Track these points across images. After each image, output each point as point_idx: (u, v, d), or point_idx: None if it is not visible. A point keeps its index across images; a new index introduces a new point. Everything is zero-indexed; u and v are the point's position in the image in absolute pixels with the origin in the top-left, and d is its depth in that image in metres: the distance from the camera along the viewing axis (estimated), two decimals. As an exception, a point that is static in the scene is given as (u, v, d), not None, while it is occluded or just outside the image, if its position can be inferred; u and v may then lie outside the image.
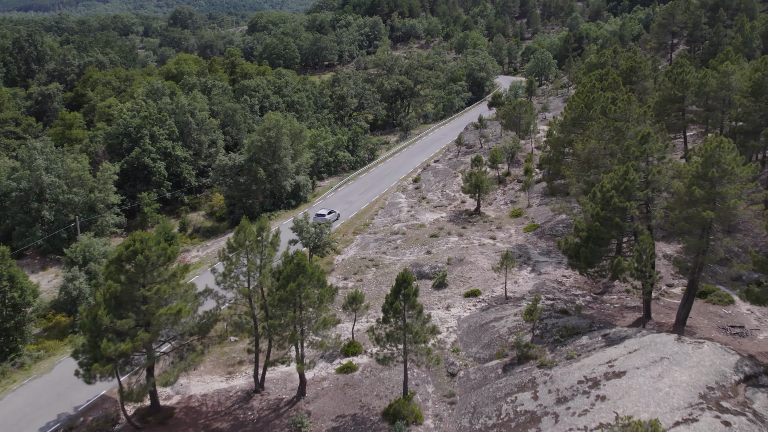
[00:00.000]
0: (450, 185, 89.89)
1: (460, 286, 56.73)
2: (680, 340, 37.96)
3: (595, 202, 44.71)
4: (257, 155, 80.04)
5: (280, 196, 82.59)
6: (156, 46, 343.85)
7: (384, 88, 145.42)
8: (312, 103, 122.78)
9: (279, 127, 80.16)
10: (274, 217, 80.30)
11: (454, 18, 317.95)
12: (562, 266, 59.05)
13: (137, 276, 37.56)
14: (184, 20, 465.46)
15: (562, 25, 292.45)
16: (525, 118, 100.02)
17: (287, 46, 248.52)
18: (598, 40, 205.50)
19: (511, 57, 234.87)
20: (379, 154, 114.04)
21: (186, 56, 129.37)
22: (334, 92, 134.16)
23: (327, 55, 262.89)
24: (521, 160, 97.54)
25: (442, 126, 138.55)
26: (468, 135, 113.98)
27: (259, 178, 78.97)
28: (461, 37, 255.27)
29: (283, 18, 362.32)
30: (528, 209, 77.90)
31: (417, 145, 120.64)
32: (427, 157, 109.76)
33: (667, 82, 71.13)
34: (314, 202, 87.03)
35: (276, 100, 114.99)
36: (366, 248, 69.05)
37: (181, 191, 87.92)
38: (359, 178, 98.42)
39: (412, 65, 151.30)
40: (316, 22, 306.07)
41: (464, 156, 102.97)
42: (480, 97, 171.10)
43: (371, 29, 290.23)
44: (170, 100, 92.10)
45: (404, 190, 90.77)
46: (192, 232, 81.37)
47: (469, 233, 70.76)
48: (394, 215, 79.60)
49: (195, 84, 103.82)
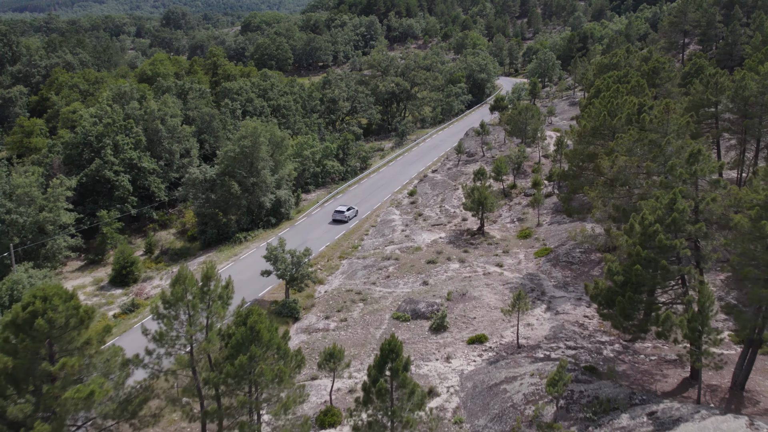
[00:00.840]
0: (449, 199, 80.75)
1: (463, 329, 47.58)
2: (754, 427, 28.87)
3: (632, 237, 35.60)
4: (231, 168, 70.86)
5: (258, 213, 73.37)
6: (146, 46, 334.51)
7: (378, 91, 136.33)
8: (300, 107, 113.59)
9: (256, 136, 70.99)
10: (250, 238, 71.07)
11: (452, 18, 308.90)
12: (582, 303, 49.93)
13: (38, 345, 28.36)
14: (177, 20, 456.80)
15: (563, 25, 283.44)
16: (531, 123, 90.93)
17: (280, 46, 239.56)
18: (603, 40, 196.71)
19: (512, 57, 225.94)
20: (372, 162, 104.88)
21: (162, 56, 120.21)
22: (324, 95, 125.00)
23: (321, 55, 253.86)
24: (527, 170, 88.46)
25: (441, 131, 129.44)
26: (469, 142, 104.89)
27: (234, 194, 69.77)
28: (460, 37, 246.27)
29: (277, 18, 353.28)
30: (538, 228, 68.85)
31: (413, 152, 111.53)
32: (424, 167, 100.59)
33: (698, 85, 62.05)
34: (298, 219, 77.78)
35: (260, 104, 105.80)
36: (353, 277, 59.84)
37: (149, 207, 78.66)
38: (349, 191, 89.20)
39: (409, 66, 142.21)
40: (311, 22, 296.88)
41: (465, 165, 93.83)
42: (480, 99, 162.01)
43: (367, 29, 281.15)
44: (139, 105, 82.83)
45: (399, 204, 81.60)
46: (159, 255, 72.14)
47: (472, 258, 61.61)
48: (387, 235, 70.42)
49: (169, 87, 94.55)
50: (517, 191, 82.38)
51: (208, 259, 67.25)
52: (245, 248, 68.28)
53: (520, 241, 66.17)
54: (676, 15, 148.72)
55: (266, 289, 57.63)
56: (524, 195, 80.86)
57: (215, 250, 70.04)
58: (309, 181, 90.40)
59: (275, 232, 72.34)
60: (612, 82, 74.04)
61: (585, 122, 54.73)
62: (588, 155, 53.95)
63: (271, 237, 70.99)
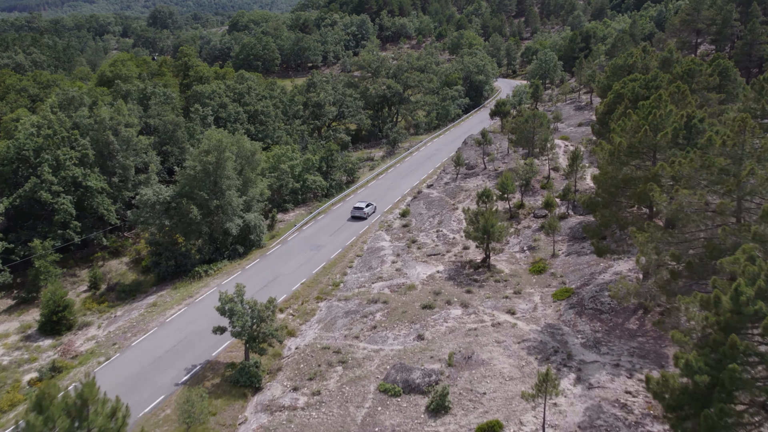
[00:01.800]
0: (448, 222, 69.81)
1: (470, 411, 36.58)
2: None
3: (719, 313, 24.74)
4: (191, 188, 59.68)
5: (223, 241, 62.22)
6: (129, 46, 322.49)
7: (368, 94, 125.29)
8: (280, 113, 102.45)
9: (221, 150, 59.85)
10: (212, 272, 59.84)
11: (447, 17, 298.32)
12: (622, 372, 39.00)
13: None
14: (163, 20, 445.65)
15: (562, 24, 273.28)
16: (540, 133, 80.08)
17: (266, 46, 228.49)
18: (607, 40, 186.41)
19: (510, 58, 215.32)
20: (360, 175, 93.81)
21: (124, 56, 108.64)
22: (308, 99, 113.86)
23: (310, 56, 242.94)
24: (535, 185, 77.60)
25: (436, 138, 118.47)
26: (468, 152, 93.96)
27: (192, 219, 58.55)
28: (455, 37, 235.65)
29: (266, 17, 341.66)
30: (553, 260, 58.01)
31: (406, 163, 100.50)
32: (418, 180, 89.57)
33: (748, 91, 51.29)
34: (271, 246, 66.56)
35: (235, 109, 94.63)
36: (331, 327, 48.74)
37: (98, 232, 67.35)
38: (333, 210, 78.07)
39: (401, 67, 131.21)
40: (300, 21, 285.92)
41: (464, 180, 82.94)
42: (478, 103, 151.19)
43: (358, 28, 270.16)
44: (89, 113, 71.50)
45: (389, 228, 70.57)
46: (105, 291, 60.95)
47: (477, 301, 50.68)
48: (375, 268, 59.38)
49: (129, 91, 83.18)
50: (526, 212, 71.51)
51: (160, 298, 56.10)
52: (204, 286, 57.00)
53: (533, 278, 55.24)
54: (689, 12, 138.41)
55: (223, 345, 46.46)
56: (534, 216, 70.02)
57: (170, 287, 58.81)
58: (287, 199, 79.27)
59: (242, 264, 61.19)
60: (639, 87, 63.37)
61: (619, 137, 43.80)
62: (624, 180, 43.06)
63: (237, 271, 59.81)
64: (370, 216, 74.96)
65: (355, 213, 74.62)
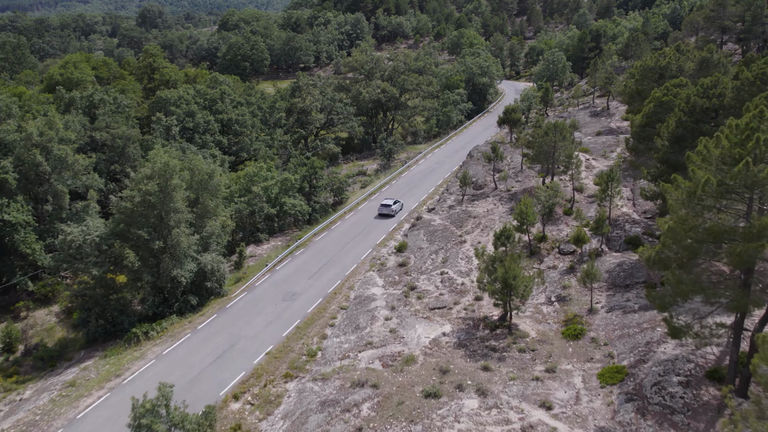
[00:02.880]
0: (454, 260, 56.88)
1: None
2: None
3: None
4: (127, 226, 46.64)
5: (172, 291, 49.12)
6: (114, 46, 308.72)
7: (361, 99, 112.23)
8: (258, 122, 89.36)
9: (167, 176, 46.83)
10: (155, 334, 46.71)
11: (445, 15, 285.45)
12: None
13: None
14: (153, 19, 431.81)
15: (566, 23, 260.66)
16: (562, 147, 67.12)
17: (255, 45, 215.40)
18: (618, 39, 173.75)
19: (514, 58, 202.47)
20: (350, 194, 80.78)
21: (77, 57, 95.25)
22: (293, 105, 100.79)
23: (302, 56, 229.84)
24: (557, 210, 64.66)
25: (437, 149, 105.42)
26: (475, 167, 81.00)
27: (128, 266, 45.48)
28: (455, 36, 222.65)
29: (257, 16, 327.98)
30: (591, 317, 45.22)
31: (403, 179, 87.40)
32: (417, 202, 76.60)
33: None
34: (235, 293, 53.42)
35: (205, 118, 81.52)
36: (301, 429, 35.67)
37: (22, 278, 54.23)
38: (315, 242, 64.94)
39: (398, 69, 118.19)
40: (292, 20, 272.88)
41: (472, 203, 69.99)
42: (482, 107, 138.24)
43: (353, 27, 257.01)
44: (15, 128, 58.35)
45: (382, 268, 57.54)
46: (22, 355, 47.92)
47: (498, 385, 37.73)
48: (363, 328, 46.37)
49: (73, 99, 70.05)
50: (548, 246, 58.65)
51: (82, 373, 42.95)
52: (140, 357, 43.79)
53: (568, 345, 42.28)
54: (714, 8, 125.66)
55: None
56: (559, 253, 57.19)
57: (100, 353, 45.72)
58: (261, 228, 66.24)
59: (195, 322, 48.07)
60: (697, 96, 50.39)
61: (702, 172, 30.94)
62: (713, 232, 30.09)
63: (186, 332, 46.69)
64: (398, 213, 72.65)
65: (382, 211, 72.06)
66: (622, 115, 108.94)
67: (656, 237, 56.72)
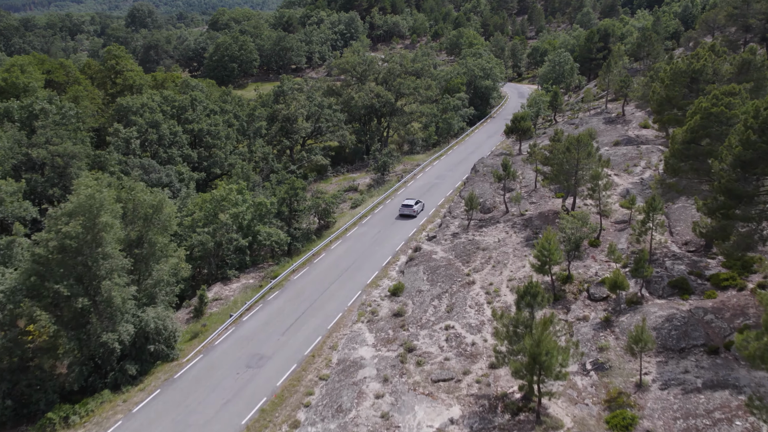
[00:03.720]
0: (461, 308, 46.36)
1: None
2: None
3: None
4: (41, 279, 35.97)
5: (106, 358, 38.43)
6: (99, 46, 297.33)
7: (353, 104, 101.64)
8: (235, 132, 78.77)
9: (94, 213, 36.15)
10: (77, 420, 35.95)
11: (443, 14, 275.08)
12: None
13: None
14: (142, 19, 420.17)
15: (569, 23, 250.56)
16: (587, 166, 56.64)
17: (243, 46, 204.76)
18: (626, 39, 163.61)
19: (516, 59, 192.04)
20: (338, 217, 70.23)
21: (24, 59, 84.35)
22: (276, 112, 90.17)
23: (293, 57, 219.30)
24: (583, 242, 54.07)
25: (437, 161, 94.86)
26: (481, 185, 70.58)
27: (42, 333, 34.79)
28: (453, 36, 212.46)
29: (248, 15, 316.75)
30: (642, 395, 34.84)
31: (399, 198, 76.78)
32: (416, 227, 66.00)
33: None
34: (188, 356, 42.68)
35: (172, 129, 70.92)
36: None
37: None
38: (293, 281, 54.20)
39: (393, 71, 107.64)
40: (283, 19, 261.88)
41: (480, 230, 59.49)
42: (485, 113, 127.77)
43: (347, 27, 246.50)
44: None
45: (373, 318, 46.90)
46: None
47: None
48: (346, 411, 35.71)
49: (8, 109, 59.25)
50: (575, 288, 48.24)
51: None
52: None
53: (617, 442, 31.78)
54: (737, 5, 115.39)
55: None
56: (589, 298, 46.84)
57: (5, 447, 35.04)
58: (230, 262, 55.59)
59: (130, 401, 37.36)
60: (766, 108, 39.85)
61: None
62: None
63: (117, 417, 35.98)
64: (419, 214, 69.51)
65: (403, 211, 68.80)
66: (640, 123, 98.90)
67: (706, 279, 46.41)
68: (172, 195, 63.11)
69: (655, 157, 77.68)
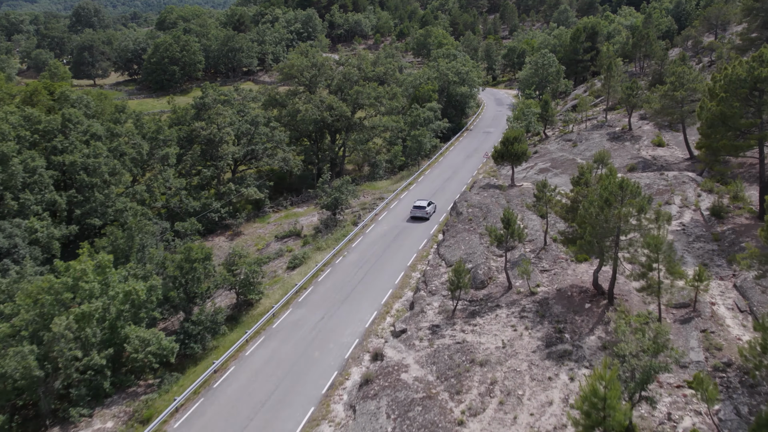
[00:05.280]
0: None
1: None
2: None
3: None
4: None
5: None
6: (33, 47, 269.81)
7: (300, 118, 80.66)
8: (130, 162, 57.20)
9: None
10: None
11: (408, 13, 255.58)
12: None
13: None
14: (88, 18, 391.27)
15: (544, 21, 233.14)
16: (639, 228, 36.69)
17: (186, 46, 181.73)
18: (614, 38, 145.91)
19: (491, 60, 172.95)
20: (268, 286, 49.16)
21: None
22: (194, 132, 68.69)
23: (243, 58, 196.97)
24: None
25: (405, 192, 74.40)
26: (468, 241, 50.44)
27: None
28: (420, 36, 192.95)
29: (198, 12, 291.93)
30: None
31: (354, 254, 55.95)
32: (374, 313, 45.09)
33: None
34: None
35: (30, 164, 49.09)
36: None
37: None
38: (173, 430, 33.13)
39: (349, 76, 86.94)
40: (235, 18, 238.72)
41: (471, 322, 39.10)
42: (460, 124, 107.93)
43: (304, 26, 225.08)
44: None
45: None
46: None
47: None
48: None
49: None
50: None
51: None
52: None
53: None
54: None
55: None
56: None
57: None
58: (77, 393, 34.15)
59: None
60: None
61: None
62: None
63: None
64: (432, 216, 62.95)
65: (415, 213, 63.28)
66: (653, 140, 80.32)
67: None
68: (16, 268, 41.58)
69: (690, 190, 58.94)
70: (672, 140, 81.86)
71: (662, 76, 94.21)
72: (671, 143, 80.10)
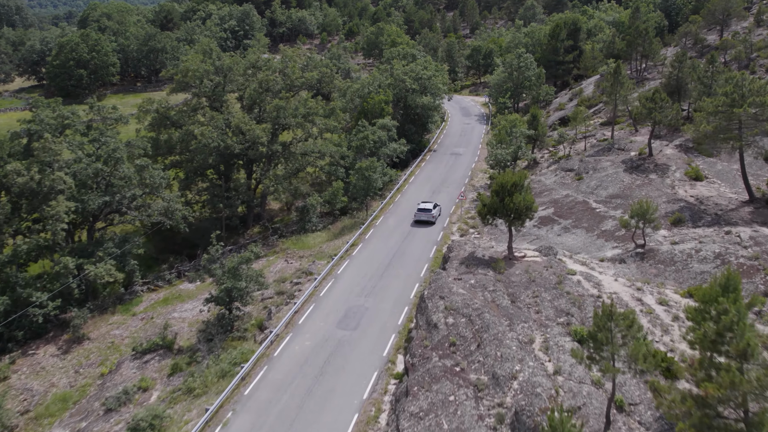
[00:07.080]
0: None
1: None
2: None
3: None
4: None
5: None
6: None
7: (196, 146, 55.64)
8: None
9: None
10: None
11: (358, 9, 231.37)
12: None
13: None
14: (9, 16, 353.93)
15: (508, 18, 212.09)
16: None
17: (96, 47, 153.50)
18: (597, 36, 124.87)
19: (453, 62, 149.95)
20: None
21: None
22: (9, 178, 42.92)
23: (167, 60, 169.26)
24: None
25: (346, 259, 49.90)
26: (456, 402, 26.41)
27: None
28: (371, 34, 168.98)
29: (123, 9, 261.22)
30: None
31: (250, 410, 31.37)
32: None
33: None
34: None
35: None
36: None
37: None
38: None
39: (267, 86, 62.07)
40: (162, 14, 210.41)
41: None
42: (421, 144, 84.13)
43: (240, 23, 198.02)
44: None
45: None
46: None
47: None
48: None
49: None
50: None
51: None
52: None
53: None
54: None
55: None
56: None
57: None
58: None
59: None
60: None
61: None
62: None
63: None
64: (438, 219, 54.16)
65: (420, 217, 54.99)
66: (686, 171, 58.44)
67: None
68: None
69: (793, 267, 36.27)
70: (708, 170, 60.01)
71: (681, 83, 72.53)
72: (709, 175, 58.17)
